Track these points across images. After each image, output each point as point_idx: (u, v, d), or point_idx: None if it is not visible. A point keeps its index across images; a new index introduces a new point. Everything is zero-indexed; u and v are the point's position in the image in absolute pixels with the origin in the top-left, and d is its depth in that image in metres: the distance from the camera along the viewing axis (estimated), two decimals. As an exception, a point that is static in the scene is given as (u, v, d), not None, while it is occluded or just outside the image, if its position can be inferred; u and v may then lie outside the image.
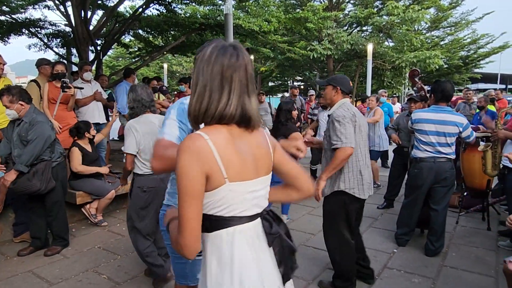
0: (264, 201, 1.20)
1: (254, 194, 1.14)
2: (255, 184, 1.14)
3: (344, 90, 2.66)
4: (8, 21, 9.03)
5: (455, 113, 3.38)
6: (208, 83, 1.09)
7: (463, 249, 3.61)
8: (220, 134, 1.09)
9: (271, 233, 1.17)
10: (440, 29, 21.59)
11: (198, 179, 1.03)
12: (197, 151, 1.03)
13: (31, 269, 3.18)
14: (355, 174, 2.61)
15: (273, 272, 1.18)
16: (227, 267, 1.11)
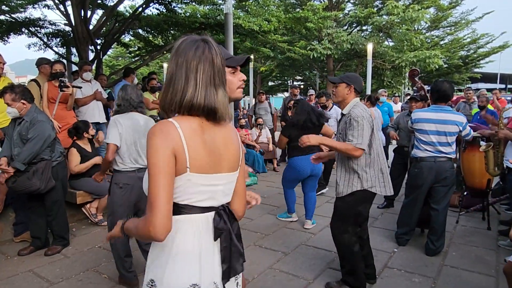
0: (222, 197, 1.22)
1: (211, 188, 1.17)
2: (214, 178, 1.17)
3: (357, 89, 2.66)
4: (8, 20, 9.02)
5: (455, 112, 3.38)
6: (174, 73, 1.14)
7: (463, 248, 3.61)
8: (189, 124, 1.13)
9: (218, 228, 1.17)
10: (440, 29, 21.61)
11: (168, 156, 1.06)
12: (167, 132, 1.08)
13: (32, 268, 3.18)
14: (376, 172, 2.61)
15: (214, 267, 1.19)
16: (166, 250, 1.15)
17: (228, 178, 1.23)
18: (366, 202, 2.70)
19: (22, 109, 3.24)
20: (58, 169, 3.46)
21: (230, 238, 1.21)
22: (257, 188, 5.96)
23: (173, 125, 1.10)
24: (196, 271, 1.15)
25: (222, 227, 1.18)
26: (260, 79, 22.59)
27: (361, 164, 2.60)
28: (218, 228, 1.18)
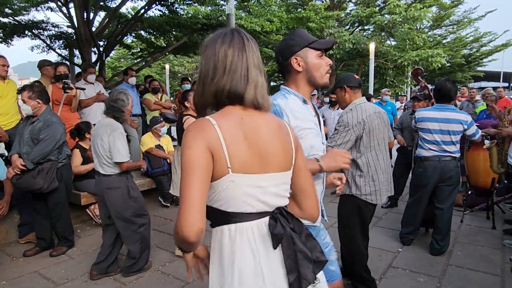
0: (275, 200, 1.09)
1: (260, 190, 1.04)
2: (262, 179, 1.05)
3: (351, 85, 2.56)
4: (11, 23, 9.07)
5: (459, 111, 3.37)
6: (218, 63, 1.06)
7: (468, 248, 3.60)
8: (230, 119, 1.04)
9: (274, 234, 1.03)
10: (442, 28, 21.53)
11: (202, 152, 0.97)
12: (202, 128, 1.00)
13: (37, 269, 3.19)
14: (366, 180, 2.53)
15: (278, 280, 1.05)
16: (229, 268, 1.04)
17: (280, 178, 1.10)
18: (363, 208, 2.59)
19: (36, 108, 3.27)
20: (62, 171, 3.48)
21: (293, 243, 1.05)
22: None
23: (209, 121, 1.01)
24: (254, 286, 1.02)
25: (278, 232, 1.04)
26: (262, 79, 22.57)
27: (351, 172, 2.56)
28: (274, 234, 1.04)
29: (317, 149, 1.55)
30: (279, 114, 1.47)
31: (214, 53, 1.07)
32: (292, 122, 1.45)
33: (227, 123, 1.02)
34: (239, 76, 1.05)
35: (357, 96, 2.58)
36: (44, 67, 4.69)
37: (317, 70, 1.56)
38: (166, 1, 8.22)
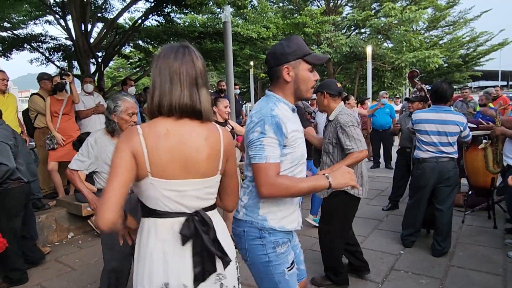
0: (195, 202, 1.23)
1: (178, 193, 1.19)
2: (182, 184, 1.19)
3: (331, 92, 2.69)
4: (10, 37, 9.16)
5: (455, 113, 3.38)
6: (157, 78, 1.19)
7: (470, 248, 3.59)
8: (155, 129, 1.18)
9: (183, 234, 1.19)
10: (438, 29, 21.66)
11: (126, 156, 1.13)
12: (129, 136, 1.16)
13: (40, 282, 3.19)
14: (357, 175, 2.66)
15: (184, 270, 1.21)
16: (143, 253, 1.22)
17: (202, 184, 1.23)
18: (349, 203, 2.72)
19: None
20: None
21: (201, 244, 1.22)
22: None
23: (136, 130, 1.16)
24: (160, 272, 1.19)
25: (186, 234, 1.20)
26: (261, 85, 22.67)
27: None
28: (182, 233, 1.20)
29: (305, 156, 1.60)
30: (279, 126, 1.43)
31: (155, 67, 1.21)
32: (289, 131, 1.46)
33: (152, 133, 1.16)
34: (174, 89, 1.18)
35: (336, 102, 2.73)
36: (42, 81, 4.73)
37: (305, 83, 1.55)
38: (163, 11, 8.31)
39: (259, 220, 1.52)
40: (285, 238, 1.55)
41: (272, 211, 1.52)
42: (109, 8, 9.38)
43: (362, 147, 2.55)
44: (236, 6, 7.65)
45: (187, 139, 1.19)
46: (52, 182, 4.67)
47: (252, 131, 1.44)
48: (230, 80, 7.19)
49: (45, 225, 4.11)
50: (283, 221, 1.54)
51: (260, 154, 1.40)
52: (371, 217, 4.62)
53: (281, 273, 1.53)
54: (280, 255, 1.53)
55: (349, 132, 2.55)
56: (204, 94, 1.22)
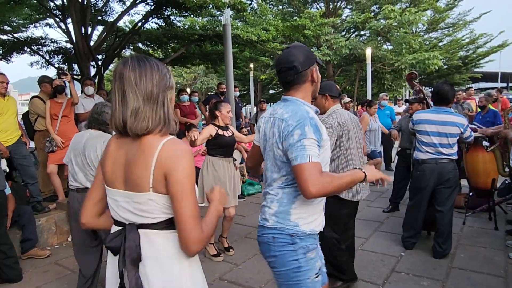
0: (128, 215, 1.20)
1: (115, 202, 1.23)
2: (116, 194, 1.22)
3: (332, 95, 2.72)
4: (10, 40, 9.17)
5: (456, 114, 3.38)
6: (111, 93, 1.25)
7: (471, 249, 3.58)
8: (112, 140, 1.27)
9: (108, 246, 1.23)
10: (438, 31, 21.67)
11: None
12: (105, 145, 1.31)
13: (39, 285, 3.18)
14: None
15: (114, 279, 1.26)
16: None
17: (129, 197, 1.18)
18: (340, 206, 2.70)
19: None
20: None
21: (123, 259, 1.18)
22: (261, 196, 5.96)
23: (108, 140, 1.30)
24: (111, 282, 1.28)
25: (110, 245, 1.21)
26: (261, 87, 22.71)
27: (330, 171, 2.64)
28: (106, 244, 1.23)
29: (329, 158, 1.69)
30: (317, 128, 1.47)
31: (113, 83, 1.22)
32: (323, 133, 1.51)
33: (111, 143, 1.26)
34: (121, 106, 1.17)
35: (335, 104, 2.76)
36: (43, 84, 4.74)
37: (319, 83, 1.69)
38: (163, 14, 8.33)
39: (291, 226, 1.54)
40: (314, 244, 1.60)
41: (303, 217, 1.55)
42: (109, 11, 9.40)
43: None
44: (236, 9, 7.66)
45: (129, 151, 1.20)
46: (52, 185, 4.67)
47: (291, 134, 1.45)
48: (230, 82, 7.19)
49: (45, 228, 4.10)
50: (313, 224, 1.58)
51: (302, 154, 1.40)
52: (371, 219, 4.61)
53: (308, 279, 1.55)
54: (310, 260, 1.56)
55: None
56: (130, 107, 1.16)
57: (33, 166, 4.39)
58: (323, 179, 1.39)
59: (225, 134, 3.57)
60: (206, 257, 3.59)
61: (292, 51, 1.60)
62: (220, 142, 3.55)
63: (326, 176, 1.42)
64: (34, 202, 4.21)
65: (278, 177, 1.56)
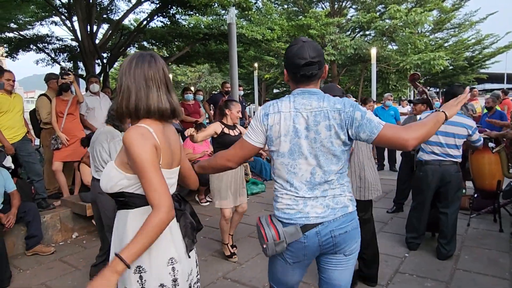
0: (174, 187, 1.45)
1: (170, 180, 1.39)
2: (172, 172, 1.40)
3: (336, 94, 2.64)
4: (17, 37, 9.22)
5: (464, 116, 3.37)
6: (132, 84, 1.30)
7: (475, 251, 3.56)
8: (156, 127, 1.32)
9: (179, 209, 1.43)
10: (443, 31, 21.58)
11: (154, 152, 1.25)
12: (145, 134, 1.26)
13: (44, 281, 3.21)
14: (354, 178, 2.66)
15: (181, 241, 1.41)
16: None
17: (178, 171, 1.47)
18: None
19: None
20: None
21: (185, 217, 1.44)
22: (265, 196, 5.96)
23: (147, 128, 1.28)
24: (171, 246, 1.35)
25: (181, 209, 1.45)
26: (265, 86, 22.71)
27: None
28: (179, 209, 1.44)
29: None
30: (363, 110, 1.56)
31: (128, 74, 1.30)
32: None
33: (157, 130, 1.31)
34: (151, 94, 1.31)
35: None
36: (50, 80, 4.76)
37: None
38: (168, 12, 8.34)
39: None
40: None
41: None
42: (114, 9, 9.43)
43: None
44: (241, 8, 7.66)
45: (170, 135, 1.39)
46: (57, 182, 4.70)
47: (355, 118, 1.50)
48: (235, 81, 7.20)
49: (50, 225, 4.13)
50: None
51: (375, 124, 1.48)
52: (375, 220, 4.55)
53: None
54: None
55: None
56: (175, 97, 1.38)
57: (38, 163, 4.42)
58: (410, 129, 1.48)
59: (231, 133, 3.53)
60: (210, 256, 3.60)
61: (316, 45, 1.60)
62: (225, 140, 3.52)
63: (409, 127, 1.50)
64: (39, 199, 4.24)
65: (337, 167, 1.56)
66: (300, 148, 1.53)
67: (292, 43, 1.62)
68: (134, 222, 1.31)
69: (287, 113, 1.54)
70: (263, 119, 1.58)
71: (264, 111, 1.59)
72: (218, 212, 5.12)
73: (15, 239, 3.80)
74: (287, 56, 1.62)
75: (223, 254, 3.60)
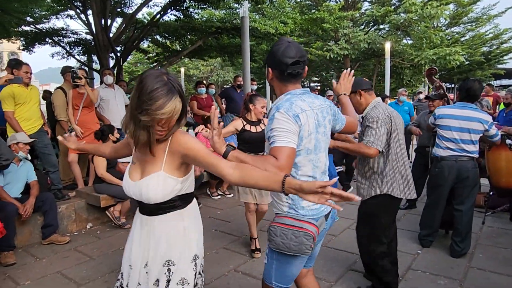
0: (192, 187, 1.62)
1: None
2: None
3: (365, 88, 2.58)
4: (33, 31, 9.35)
5: (480, 111, 3.30)
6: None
7: (490, 250, 3.51)
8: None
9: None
10: (460, 25, 21.08)
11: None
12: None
13: (60, 270, 3.28)
14: (397, 175, 2.51)
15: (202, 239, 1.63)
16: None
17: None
18: (388, 208, 2.57)
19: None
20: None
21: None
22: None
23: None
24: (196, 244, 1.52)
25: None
26: (277, 81, 22.55)
27: (377, 168, 2.53)
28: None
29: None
30: None
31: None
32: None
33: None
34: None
35: (372, 97, 2.60)
36: (66, 73, 4.84)
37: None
38: (181, 6, 8.35)
39: None
40: None
41: None
42: (128, 2, 9.48)
43: (372, 144, 2.38)
44: (254, 1, 7.63)
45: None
46: (72, 174, 4.78)
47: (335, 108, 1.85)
48: (247, 75, 7.18)
49: (65, 215, 4.21)
50: None
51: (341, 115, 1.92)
52: (387, 216, 4.55)
53: None
54: None
55: (370, 126, 2.42)
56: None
57: (54, 155, 4.50)
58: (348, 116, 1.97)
59: (252, 130, 3.45)
60: (222, 249, 3.63)
61: (300, 46, 1.69)
62: (245, 137, 3.46)
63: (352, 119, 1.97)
64: (54, 190, 4.32)
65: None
66: (320, 143, 1.71)
67: (276, 43, 1.69)
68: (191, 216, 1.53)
69: (309, 111, 1.64)
70: (296, 120, 1.58)
71: (292, 113, 1.59)
72: (229, 206, 5.17)
73: (32, 228, 3.89)
74: (274, 55, 1.66)
75: (235, 247, 3.62)
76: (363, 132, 2.51)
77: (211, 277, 3.04)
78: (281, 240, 1.65)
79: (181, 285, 1.43)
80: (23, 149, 3.69)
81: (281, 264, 1.73)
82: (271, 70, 1.70)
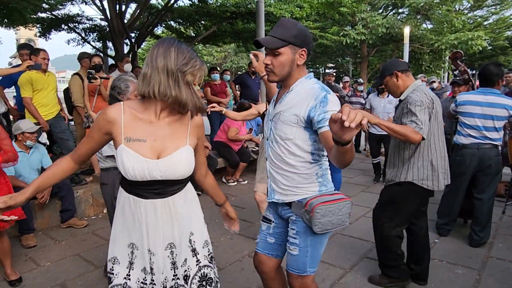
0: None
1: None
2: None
3: (402, 69, 2.41)
4: (49, 17, 9.43)
5: (505, 96, 3.17)
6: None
7: (510, 240, 3.42)
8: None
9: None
10: (483, 8, 20.25)
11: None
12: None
13: (78, 252, 3.35)
14: (425, 164, 2.37)
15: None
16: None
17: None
18: (411, 196, 2.46)
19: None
20: None
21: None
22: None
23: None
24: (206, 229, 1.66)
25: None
26: (292, 67, 22.29)
27: (407, 154, 2.41)
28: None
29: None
30: None
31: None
32: None
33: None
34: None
35: (410, 78, 2.42)
36: (83, 59, 4.87)
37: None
38: (195, -10, 8.26)
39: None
40: None
41: None
42: (142, -12, 9.45)
43: (421, 130, 2.19)
44: (269, -15, 7.46)
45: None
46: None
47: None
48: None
49: (83, 199, 4.29)
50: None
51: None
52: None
53: None
54: None
55: (414, 111, 2.22)
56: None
57: (71, 140, 4.56)
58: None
59: None
60: (236, 234, 3.64)
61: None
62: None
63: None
64: (72, 175, 4.39)
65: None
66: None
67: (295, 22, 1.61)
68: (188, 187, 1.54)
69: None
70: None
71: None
72: (243, 193, 5.18)
73: (50, 212, 3.99)
74: (309, 36, 1.62)
75: (249, 233, 3.63)
76: (402, 116, 2.34)
77: (225, 262, 3.06)
78: (327, 219, 1.61)
79: (206, 246, 1.58)
80: (30, 138, 3.58)
81: (315, 248, 1.72)
82: (306, 52, 1.62)
